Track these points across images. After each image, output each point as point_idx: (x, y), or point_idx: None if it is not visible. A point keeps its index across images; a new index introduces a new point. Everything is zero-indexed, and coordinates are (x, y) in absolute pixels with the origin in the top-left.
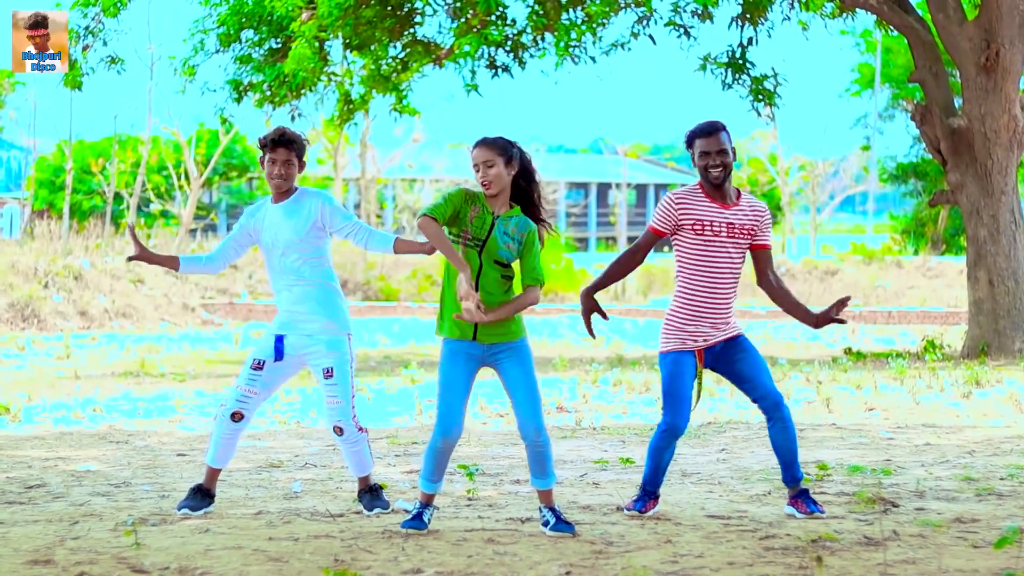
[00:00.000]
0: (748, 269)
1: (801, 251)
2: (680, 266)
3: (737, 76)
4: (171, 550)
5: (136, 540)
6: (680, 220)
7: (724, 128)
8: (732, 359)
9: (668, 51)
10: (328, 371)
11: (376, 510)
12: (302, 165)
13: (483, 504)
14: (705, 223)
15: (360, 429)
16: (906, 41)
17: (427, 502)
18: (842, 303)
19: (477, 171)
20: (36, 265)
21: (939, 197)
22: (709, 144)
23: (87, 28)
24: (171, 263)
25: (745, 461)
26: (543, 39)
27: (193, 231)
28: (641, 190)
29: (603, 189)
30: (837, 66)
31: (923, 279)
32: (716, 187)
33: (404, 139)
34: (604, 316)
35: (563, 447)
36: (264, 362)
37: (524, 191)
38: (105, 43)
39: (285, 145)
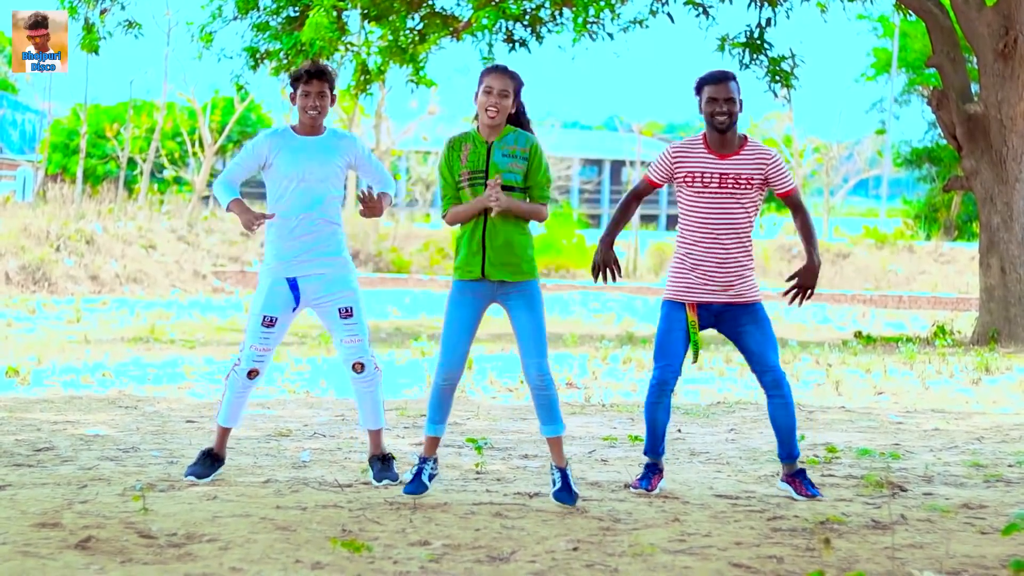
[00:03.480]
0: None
1: None
2: (680, 217)
3: (755, 56)
4: (179, 516)
5: (144, 505)
6: (674, 171)
7: (734, 77)
8: (738, 326)
9: (685, 30)
10: (347, 310)
11: (385, 481)
12: (334, 99)
13: (491, 478)
14: (696, 174)
15: (376, 367)
16: (924, 26)
17: (428, 453)
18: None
19: (488, 95)
20: (48, 228)
21: (953, 183)
22: (717, 91)
23: None
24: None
25: (754, 441)
26: (561, 14)
27: (206, 198)
28: None
29: (617, 166)
30: (853, 50)
31: (935, 264)
32: (719, 135)
33: (419, 111)
34: (618, 270)
35: (572, 423)
36: (276, 318)
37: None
38: (123, 7)
39: (319, 77)
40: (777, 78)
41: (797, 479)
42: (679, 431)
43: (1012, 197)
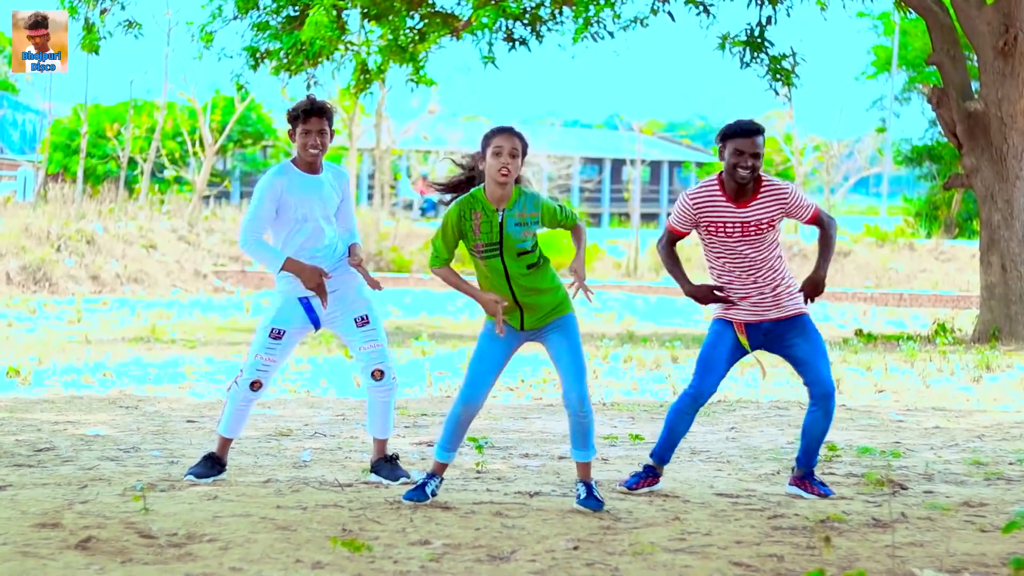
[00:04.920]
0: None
1: (814, 232)
2: (705, 253)
3: (755, 55)
4: (179, 516)
5: (144, 505)
6: (697, 219)
7: (763, 131)
8: (787, 340)
9: (685, 28)
10: (363, 318)
11: (401, 479)
12: (332, 134)
13: (491, 477)
14: (719, 225)
15: (394, 377)
16: (924, 24)
17: (436, 472)
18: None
19: (498, 156)
20: (49, 228)
21: (954, 180)
22: (746, 145)
23: None
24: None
25: (754, 440)
26: (561, 12)
27: (207, 198)
28: (655, 167)
29: (617, 165)
30: (854, 48)
31: (935, 262)
32: (739, 186)
33: (419, 110)
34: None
35: None
36: (284, 331)
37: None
38: (123, 7)
39: (318, 114)
40: (778, 76)
41: (806, 480)
42: None
43: (1012, 194)
